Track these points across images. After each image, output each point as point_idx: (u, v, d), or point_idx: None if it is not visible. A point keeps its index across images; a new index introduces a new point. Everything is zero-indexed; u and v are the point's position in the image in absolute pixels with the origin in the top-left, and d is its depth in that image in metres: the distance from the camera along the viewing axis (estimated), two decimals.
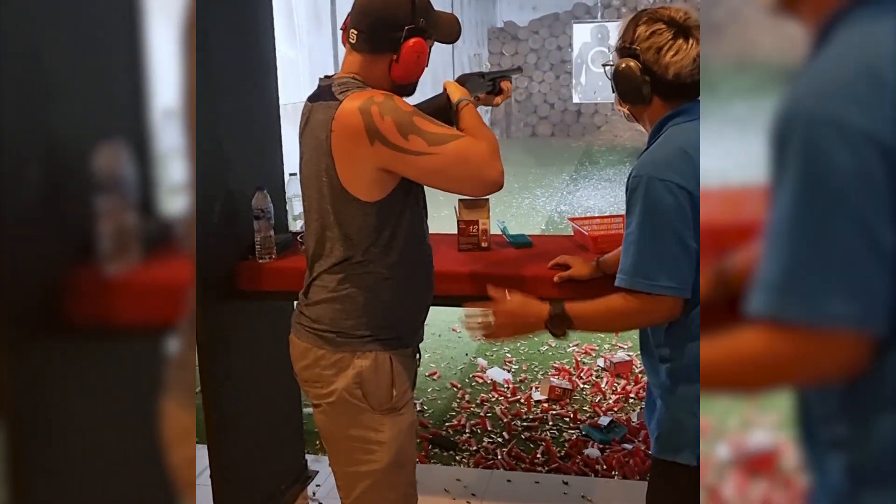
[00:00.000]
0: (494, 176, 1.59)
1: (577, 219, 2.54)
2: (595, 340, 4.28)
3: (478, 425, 3.30)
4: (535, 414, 3.39)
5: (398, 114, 1.56)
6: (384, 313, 1.69)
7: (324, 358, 1.69)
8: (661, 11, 1.59)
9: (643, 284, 1.50)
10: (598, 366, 3.90)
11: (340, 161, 1.59)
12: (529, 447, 3.11)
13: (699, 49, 1.54)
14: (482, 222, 2.42)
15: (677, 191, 1.47)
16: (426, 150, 1.55)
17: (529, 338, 4.34)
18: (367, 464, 1.71)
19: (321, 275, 1.70)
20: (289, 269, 2.36)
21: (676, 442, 1.57)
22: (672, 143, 1.54)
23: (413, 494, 1.80)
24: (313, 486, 2.83)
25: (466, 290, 2.21)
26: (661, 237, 1.49)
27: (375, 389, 1.68)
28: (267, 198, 2.36)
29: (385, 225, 1.64)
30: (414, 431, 1.80)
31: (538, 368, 3.93)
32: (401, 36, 1.61)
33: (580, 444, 3.09)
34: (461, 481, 2.82)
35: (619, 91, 1.64)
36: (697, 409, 1.53)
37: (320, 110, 1.63)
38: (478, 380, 3.79)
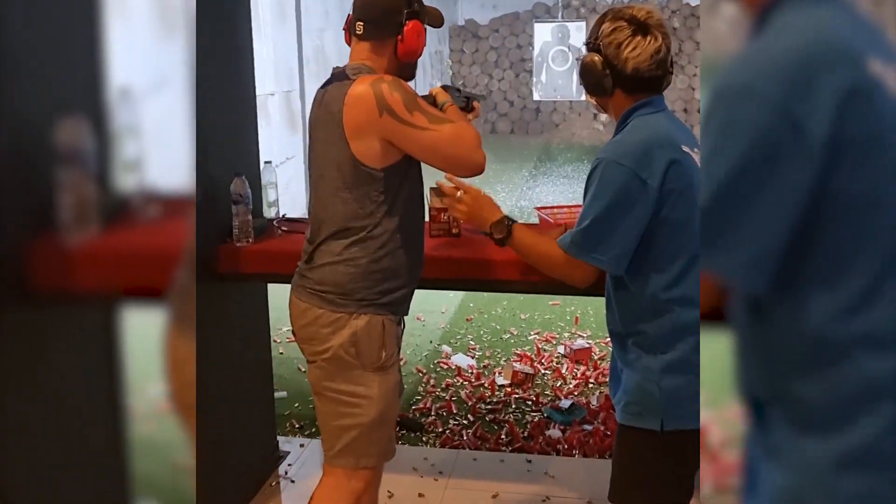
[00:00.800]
0: (480, 160, 1.81)
1: (543, 207, 2.66)
2: (556, 329, 4.42)
3: (443, 408, 3.41)
4: (499, 398, 3.52)
5: (405, 93, 1.77)
6: (383, 278, 1.84)
7: (322, 317, 1.83)
8: (624, 10, 1.72)
9: (581, 253, 1.71)
10: (558, 353, 4.04)
11: (351, 131, 1.77)
12: (494, 428, 3.23)
13: (658, 45, 1.67)
14: None
15: (630, 176, 1.61)
16: (427, 125, 1.76)
17: (493, 326, 4.47)
18: (354, 417, 1.85)
19: (327, 240, 1.84)
20: (265, 252, 2.45)
21: (641, 409, 1.70)
22: (635, 133, 1.67)
23: (391, 451, 1.94)
24: (285, 465, 2.91)
25: (437, 274, 2.31)
26: (607, 214, 1.63)
27: (368, 349, 1.82)
28: (245, 183, 2.43)
29: (389, 191, 1.81)
30: (398, 392, 1.95)
31: (501, 355, 4.05)
32: (402, 19, 1.83)
33: (542, 426, 3.22)
34: (428, 460, 2.92)
35: (583, 83, 1.79)
36: (660, 379, 1.66)
37: (335, 89, 1.82)
38: (442, 366, 3.90)
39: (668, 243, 1.64)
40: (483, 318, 4.65)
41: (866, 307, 0.96)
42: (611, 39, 1.69)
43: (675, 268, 1.64)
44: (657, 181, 1.60)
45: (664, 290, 1.64)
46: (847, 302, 0.97)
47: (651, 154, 1.62)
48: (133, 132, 1.71)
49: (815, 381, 0.99)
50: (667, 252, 1.64)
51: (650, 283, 1.66)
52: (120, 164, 1.72)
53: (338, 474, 1.91)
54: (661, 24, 1.70)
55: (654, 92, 1.72)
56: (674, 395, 1.65)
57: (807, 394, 1.07)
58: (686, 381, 1.64)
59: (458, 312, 4.73)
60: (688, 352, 1.64)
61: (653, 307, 1.66)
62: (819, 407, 0.99)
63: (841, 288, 1.02)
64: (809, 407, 0.99)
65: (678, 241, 1.63)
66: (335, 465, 1.91)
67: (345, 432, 1.87)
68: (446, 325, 4.50)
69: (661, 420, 1.66)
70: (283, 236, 2.56)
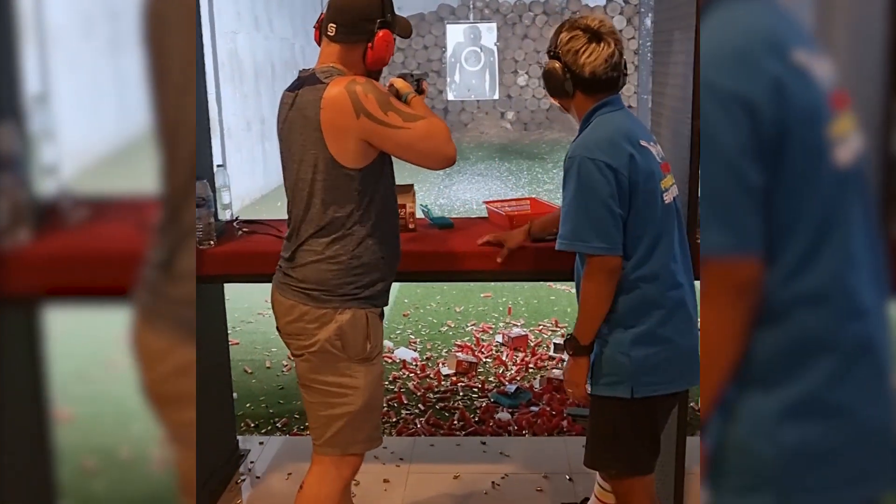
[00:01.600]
0: (451, 152, 1.89)
1: (491, 202, 2.81)
2: (490, 319, 4.60)
3: (394, 399, 3.52)
4: (446, 387, 3.66)
5: (378, 93, 1.83)
6: (364, 272, 1.92)
7: (308, 313, 1.90)
8: (580, 21, 1.90)
9: (580, 245, 1.80)
10: (496, 342, 4.22)
11: (329, 133, 1.83)
12: (445, 416, 3.37)
13: (612, 50, 1.85)
14: (409, 206, 2.65)
15: (604, 168, 1.78)
16: (401, 124, 1.83)
17: (429, 320, 4.61)
18: (342, 406, 1.93)
19: (308, 239, 1.90)
20: (230, 253, 2.50)
21: (612, 379, 1.87)
22: (599, 130, 1.85)
23: (378, 438, 2.03)
24: (247, 462, 2.96)
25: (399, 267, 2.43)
26: (593, 207, 1.79)
27: (353, 341, 1.91)
28: (207, 187, 2.49)
29: (366, 189, 1.88)
30: (382, 380, 2.03)
31: (442, 347, 4.19)
32: (374, 27, 1.89)
33: (491, 410, 3.38)
34: (388, 448, 3.03)
35: (547, 88, 1.96)
36: (629, 350, 1.83)
37: (308, 93, 1.86)
38: (387, 360, 4.01)
39: (634, 229, 1.81)
40: (419, 312, 4.77)
41: (804, 271, 1.10)
42: (569, 47, 1.86)
43: (641, 250, 1.82)
44: (626, 171, 1.77)
45: (631, 269, 1.82)
46: (787, 268, 1.08)
47: (616, 146, 1.79)
48: (49, 137, 1.76)
49: (759, 339, 1.09)
50: (633, 236, 1.81)
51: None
52: (38, 168, 1.75)
53: (327, 462, 1.99)
54: (613, 31, 1.88)
55: (612, 92, 1.90)
56: (642, 365, 1.82)
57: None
58: (653, 352, 1.82)
59: (393, 308, 4.84)
60: (654, 325, 1.83)
61: (622, 285, 1.83)
62: (763, 362, 1.09)
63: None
64: (754, 363, 1.09)
65: (642, 226, 1.81)
66: (324, 453, 1.98)
67: (333, 422, 1.95)
68: (385, 322, 4.59)
69: (632, 388, 1.84)
70: (243, 237, 2.62)
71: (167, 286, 1.16)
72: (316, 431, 1.99)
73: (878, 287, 1.16)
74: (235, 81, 7.78)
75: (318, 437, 1.98)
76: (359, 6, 1.91)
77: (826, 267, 1.09)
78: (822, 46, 1.20)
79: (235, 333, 4.33)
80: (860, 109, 1.57)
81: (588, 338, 1.86)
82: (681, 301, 1.86)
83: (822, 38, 1.65)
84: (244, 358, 4.06)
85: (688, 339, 1.86)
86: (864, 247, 1.15)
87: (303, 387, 1.99)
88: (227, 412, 2.98)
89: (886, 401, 1.14)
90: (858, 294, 1.12)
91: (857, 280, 1.12)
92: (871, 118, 1.51)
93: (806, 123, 1.08)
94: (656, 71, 2.67)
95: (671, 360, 1.84)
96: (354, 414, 1.94)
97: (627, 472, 1.92)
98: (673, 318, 1.83)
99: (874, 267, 1.16)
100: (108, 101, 6.37)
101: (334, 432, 1.95)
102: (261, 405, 3.52)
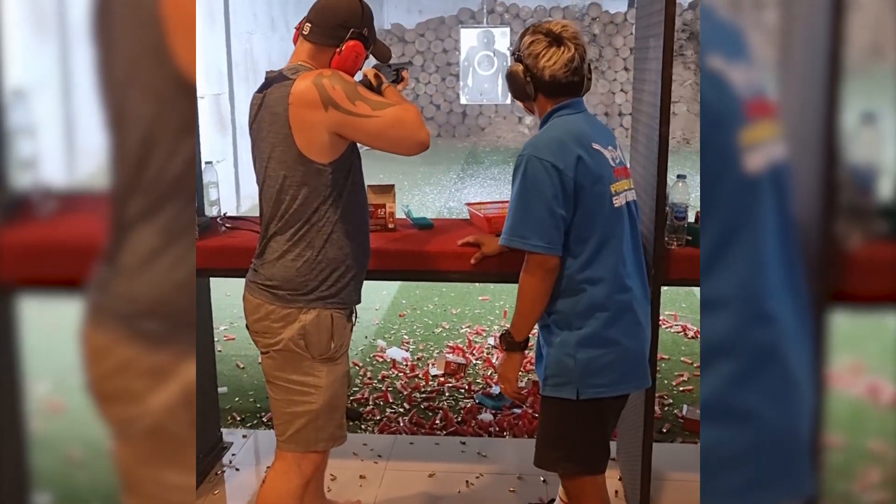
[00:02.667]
0: (424, 137, 1.87)
1: (473, 203, 2.84)
2: (485, 322, 4.62)
3: (380, 398, 3.56)
4: (433, 387, 3.69)
5: (346, 84, 1.85)
6: (329, 268, 1.93)
7: (273, 312, 1.93)
8: (543, 25, 1.93)
9: (518, 242, 1.84)
10: (488, 344, 4.24)
11: (297, 129, 1.85)
12: (428, 415, 3.40)
13: (571, 54, 1.88)
14: (389, 206, 2.69)
15: (550, 168, 1.81)
16: (370, 113, 1.83)
17: (425, 321, 4.64)
18: (304, 405, 1.96)
19: (275, 235, 1.94)
20: (210, 248, 2.55)
21: (559, 380, 1.89)
22: (552, 131, 1.88)
23: (342, 436, 2.06)
24: (229, 455, 3.01)
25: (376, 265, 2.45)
26: (534, 205, 1.82)
27: (316, 341, 1.93)
28: None
29: (336, 184, 1.91)
30: (346, 380, 2.06)
31: (434, 348, 4.22)
32: (346, 34, 1.93)
33: (475, 411, 3.41)
34: (367, 445, 3.07)
35: (510, 90, 1.98)
36: (575, 352, 1.86)
37: (276, 91, 1.89)
38: (378, 359, 4.05)
39: (581, 230, 1.84)
40: (416, 313, 4.81)
41: (708, 276, 1.14)
42: (530, 51, 1.90)
43: (587, 252, 1.84)
44: (572, 172, 1.80)
45: (578, 271, 1.85)
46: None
47: (564, 148, 1.83)
48: (27, 132, 1.80)
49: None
50: (579, 238, 1.84)
51: (566, 267, 1.86)
52: (15, 162, 1.80)
53: (289, 458, 2.02)
54: (576, 35, 1.90)
55: (573, 95, 1.92)
56: (588, 366, 1.85)
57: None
58: (599, 354, 1.85)
59: (391, 308, 4.88)
60: (599, 327, 1.85)
61: (568, 287, 1.86)
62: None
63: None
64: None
65: (588, 228, 1.84)
66: (287, 449, 2.02)
67: (296, 419, 1.98)
68: (380, 321, 4.65)
69: (577, 389, 1.86)
70: (226, 233, 2.67)
71: (112, 281, 1.16)
72: (279, 428, 2.03)
73: (793, 294, 1.18)
74: (249, 81, 7.87)
75: (282, 434, 2.02)
76: (339, 12, 1.94)
77: (731, 272, 1.11)
78: (748, 53, 1.22)
79: (233, 329, 4.39)
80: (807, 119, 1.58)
81: (522, 334, 1.89)
82: (627, 305, 1.88)
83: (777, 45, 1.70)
84: (238, 353, 4.12)
85: (635, 343, 1.88)
86: (778, 253, 1.16)
87: (268, 383, 2.03)
88: (211, 405, 3.03)
89: (794, 407, 1.14)
90: (765, 300, 1.13)
91: (763, 286, 1.13)
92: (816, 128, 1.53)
93: (714, 128, 1.11)
94: (636, 78, 2.68)
95: (618, 363, 1.86)
96: (317, 412, 1.97)
97: (577, 472, 1.94)
98: (619, 321, 1.86)
99: (790, 274, 1.18)
100: None
101: (297, 429, 1.99)
102: (248, 399, 3.57)
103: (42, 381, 2.91)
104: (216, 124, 7.19)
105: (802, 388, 1.16)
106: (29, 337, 1.88)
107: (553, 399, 1.91)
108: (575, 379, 1.86)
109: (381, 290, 5.06)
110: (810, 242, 1.55)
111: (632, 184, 1.99)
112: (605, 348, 1.84)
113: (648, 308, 1.97)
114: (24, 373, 1.89)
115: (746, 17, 1.53)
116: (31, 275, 1.80)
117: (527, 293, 1.89)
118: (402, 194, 8.71)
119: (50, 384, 2.57)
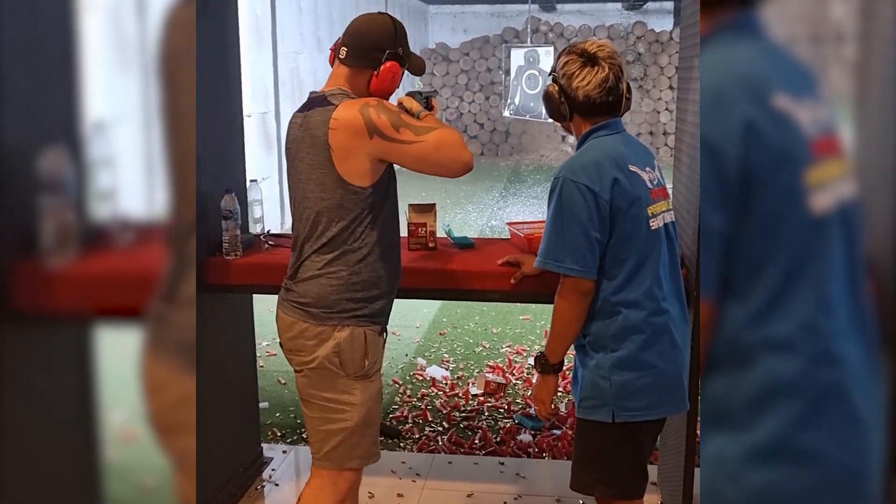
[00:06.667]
0: (468, 158, 1.90)
1: (514, 223, 2.84)
2: (526, 342, 4.60)
3: (419, 416, 3.56)
4: (472, 406, 3.68)
5: (390, 113, 1.89)
6: (363, 289, 1.95)
7: (307, 330, 1.95)
8: (578, 45, 1.93)
9: (552, 265, 1.84)
10: (528, 364, 4.21)
11: (338, 154, 1.89)
12: (468, 434, 3.39)
13: (606, 74, 1.86)
14: (430, 224, 2.70)
15: (586, 192, 1.81)
16: (414, 139, 1.87)
17: (466, 340, 4.64)
18: (339, 422, 1.97)
19: (311, 256, 1.96)
20: (253, 265, 2.59)
21: (594, 403, 1.88)
22: (588, 153, 1.88)
23: (376, 453, 2.06)
24: (269, 470, 3.04)
25: (416, 283, 2.48)
26: (569, 228, 1.81)
27: (351, 359, 1.94)
28: (235, 200, 2.59)
29: (373, 207, 1.94)
30: (380, 397, 2.07)
31: (474, 367, 4.21)
32: (382, 57, 1.95)
33: (514, 431, 3.38)
34: (406, 464, 3.07)
35: (546, 110, 1.99)
36: (610, 375, 1.84)
37: (317, 114, 1.93)
38: (418, 377, 4.05)
39: (617, 253, 1.82)
40: (456, 332, 4.81)
41: (772, 316, 1.10)
42: (564, 71, 1.90)
43: (623, 274, 1.83)
44: (608, 195, 1.79)
45: (613, 294, 1.83)
46: (754, 312, 1.08)
47: (600, 170, 1.82)
48: (107, 163, 1.85)
49: (724, 383, 1.10)
50: (615, 260, 1.82)
51: (601, 289, 1.85)
52: (94, 193, 1.84)
53: (324, 475, 2.03)
54: (611, 55, 1.89)
55: (610, 115, 1.91)
56: (623, 389, 1.83)
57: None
58: (634, 377, 1.83)
59: (431, 327, 4.88)
60: (635, 350, 1.83)
61: (603, 309, 1.84)
62: (729, 406, 1.10)
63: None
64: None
65: (625, 250, 1.83)
66: (322, 466, 2.03)
67: (331, 437, 1.99)
68: (421, 339, 4.65)
69: (612, 412, 1.84)
70: (269, 250, 2.71)
71: (171, 313, 1.20)
72: (315, 445, 2.03)
73: (860, 335, 1.15)
74: (295, 99, 7.99)
75: (317, 451, 2.03)
76: (372, 35, 1.97)
77: (796, 312, 1.09)
78: (819, 91, 1.17)
79: (275, 345, 4.43)
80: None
81: (557, 356, 1.87)
82: (664, 327, 1.85)
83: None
84: (279, 369, 4.15)
85: (672, 366, 1.86)
86: (845, 294, 1.13)
87: (303, 401, 2.04)
88: (252, 419, 3.06)
89: (861, 447, 1.12)
90: (831, 340, 1.10)
91: (829, 326, 1.10)
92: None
93: (778, 168, 1.08)
94: (679, 97, 2.66)
95: (653, 386, 1.84)
96: (352, 430, 1.98)
97: (613, 496, 1.92)
98: (655, 344, 1.83)
99: (856, 315, 1.15)
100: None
101: (332, 447, 1.99)
102: (289, 415, 3.60)
103: (117, 410, 2.96)
104: (262, 142, 7.31)
105: (871, 428, 1.14)
106: (105, 366, 1.92)
107: (588, 422, 1.89)
108: (610, 402, 1.84)
109: (422, 308, 5.06)
110: (884, 280, 1.52)
111: (671, 205, 1.96)
112: (641, 371, 1.82)
113: (688, 330, 1.94)
114: (99, 401, 1.93)
115: (827, 52, 1.50)
116: (107, 304, 1.82)
117: (561, 316, 1.88)
118: (444, 213, 8.74)
119: (125, 413, 2.62)
